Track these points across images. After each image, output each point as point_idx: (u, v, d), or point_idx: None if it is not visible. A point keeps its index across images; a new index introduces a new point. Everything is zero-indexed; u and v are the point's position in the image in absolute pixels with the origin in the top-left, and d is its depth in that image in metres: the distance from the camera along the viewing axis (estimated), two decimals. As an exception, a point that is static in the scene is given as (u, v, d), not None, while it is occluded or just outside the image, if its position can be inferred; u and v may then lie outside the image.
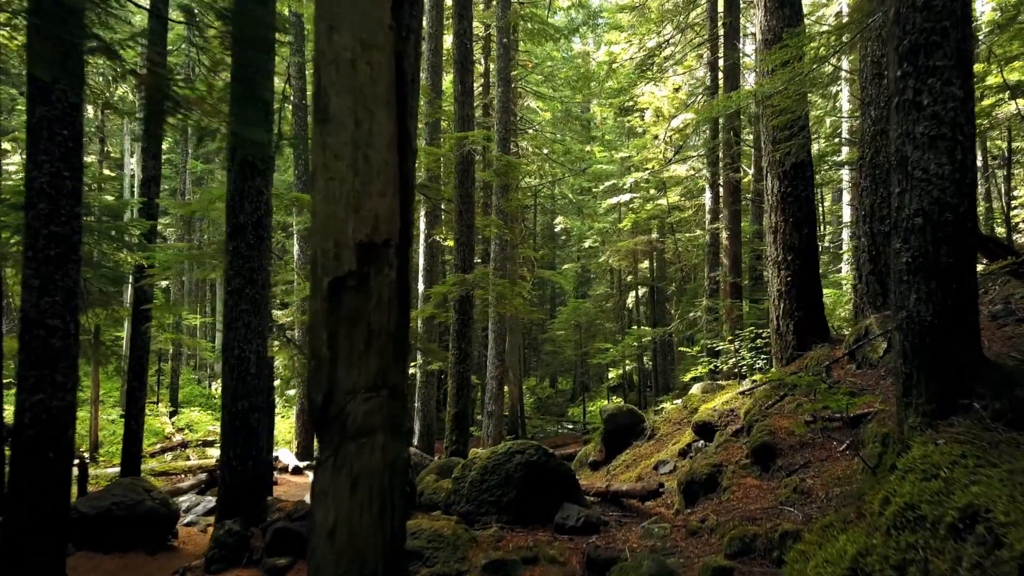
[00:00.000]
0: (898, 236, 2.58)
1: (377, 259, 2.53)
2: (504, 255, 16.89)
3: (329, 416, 2.52)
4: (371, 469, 2.58)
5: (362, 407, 2.52)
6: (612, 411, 7.57)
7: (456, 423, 10.28)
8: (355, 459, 2.55)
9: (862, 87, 8.62)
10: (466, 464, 4.52)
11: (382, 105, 2.54)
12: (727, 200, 15.69)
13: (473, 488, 4.28)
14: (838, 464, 3.78)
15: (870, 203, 8.31)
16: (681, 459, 6.05)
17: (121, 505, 7.34)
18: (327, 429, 2.55)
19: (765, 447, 4.23)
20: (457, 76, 10.56)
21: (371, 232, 2.50)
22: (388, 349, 2.59)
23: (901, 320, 2.69)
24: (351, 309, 2.50)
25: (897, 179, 2.54)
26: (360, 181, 2.48)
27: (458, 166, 10.51)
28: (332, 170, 2.50)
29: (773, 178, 7.10)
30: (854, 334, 5.40)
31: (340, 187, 2.49)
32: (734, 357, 11.63)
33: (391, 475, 2.66)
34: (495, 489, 4.21)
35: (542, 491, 4.30)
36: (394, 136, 2.57)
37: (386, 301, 2.56)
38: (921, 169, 2.41)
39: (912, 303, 2.56)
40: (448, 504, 4.42)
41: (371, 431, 2.56)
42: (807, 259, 7.18)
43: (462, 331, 10.52)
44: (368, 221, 2.50)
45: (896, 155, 2.60)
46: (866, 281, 8.14)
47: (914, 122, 2.44)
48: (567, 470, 4.59)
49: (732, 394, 6.52)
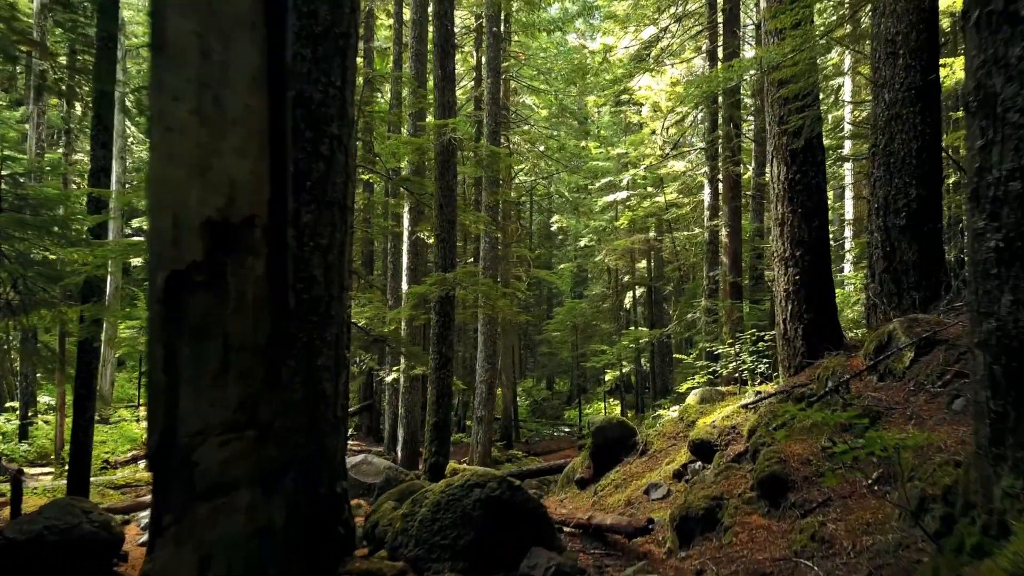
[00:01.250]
0: (980, 211, 1.84)
1: (235, 245, 1.80)
2: (494, 254, 16.15)
3: (169, 466, 1.80)
4: (230, 541, 1.84)
5: (216, 454, 1.79)
6: (601, 424, 6.86)
7: (436, 433, 9.54)
8: (205, 527, 1.81)
9: (874, 68, 7.90)
10: (416, 498, 3.79)
11: (242, 27, 1.80)
12: (727, 196, 14.97)
13: (424, 528, 3.56)
14: (866, 504, 3.05)
15: (884, 194, 7.60)
16: (676, 482, 5.34)
17: (54, 529, 6.60)
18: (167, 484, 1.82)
19: (774, 479, 3.52)
20: (437, 60, 9.83)
21: (225, 206, 1.77)
22: (256, 371, 1.87)
23: (987, 333, 1.94)
24: (199, 316, 1.77)
25: (979, 127, 1.81)
26: (209, 134, 1.76)
27: (438, 156, 9.78)
28: (170, 118, 1.77)
29: (779, 163, 6.36)
30: (874, 341, 4.69)
31: (181, 142, 1.76)
32: (734, 361, 10.92)
33: (264, 548, 1.92)
34: (449, 530, 3.49)
35: (506, 532, 3.59)
36: (261, 71, 1.84)
37: (251, 304, 1.83)
38: (1019, 110, 1.69)
39: (1005, 308, 1.81)
40: (395, 546, 3.71)
41: (230, 487, 1.83)
42: (818, 255, 6.44)
43: (443, 334, 9.79)
44: (220, 190, 1.77)
45: (974, 95, 1.88)
46: (880, 280, 7.43)
47: (1006, 42, 1.71)
48: (536, 506, 3.87)
49: (733, 407, 5.80)
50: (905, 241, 7.37)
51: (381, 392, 19.88)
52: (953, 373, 3.79)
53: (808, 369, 5.82)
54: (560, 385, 37.28)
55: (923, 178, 7.41)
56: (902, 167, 7.48)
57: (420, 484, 5.04)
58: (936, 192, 7.53)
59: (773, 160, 6.43)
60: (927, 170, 7.42)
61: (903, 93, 7.52)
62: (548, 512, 4.06)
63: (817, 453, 3.58)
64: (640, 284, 25.44)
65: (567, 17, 20.74)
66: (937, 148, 7.58)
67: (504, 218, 20.57)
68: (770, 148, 6.53)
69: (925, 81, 7.45)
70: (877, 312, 7.43)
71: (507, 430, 22.49)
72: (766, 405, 5.29)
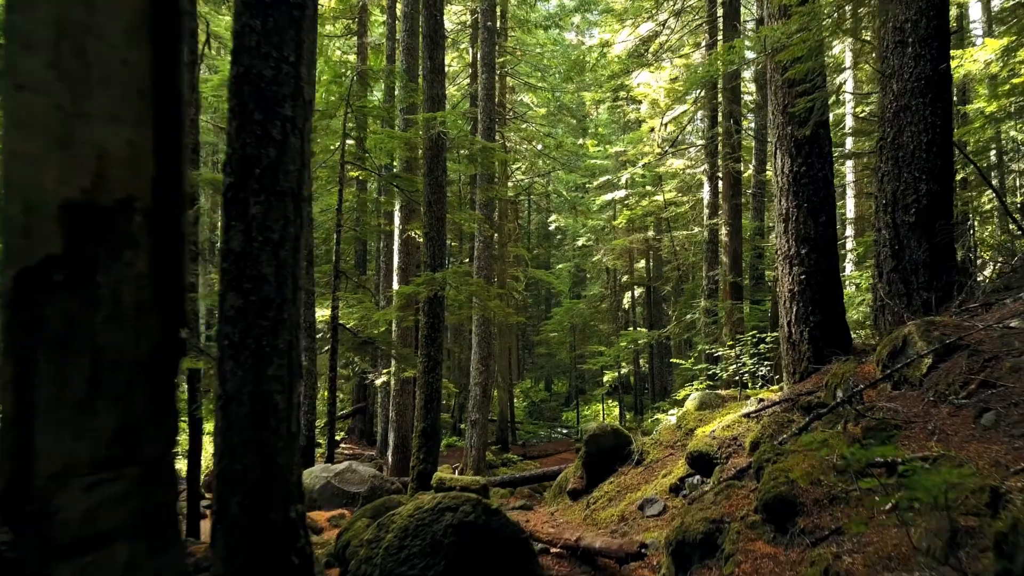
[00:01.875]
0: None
1: (107, 234, 1.43)
2: (489, 253, 15.77)
3: (23, 515, 1.43)
4: (103, 608, 1.47)
5: (82, 500, 1.42)
6: (595, 432, 6.48)
7: (424, 440, 9.17)
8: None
9: (881, 58, 7.53)
10: (383, 522, 3.41)
11: (116, -43, 1.44)
12: (727, 194, 14.60)
13: (389, 557, 3.19)
14: (886, 534, 2.69)
15: (892, 190, 7.22)
16: (672, 497, 4.97)
17: None
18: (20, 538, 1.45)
19: (781, 501, 3.15)
20: (426, 52, 9.45)
21: (92, 186, 1.39)
22: (137, 394, 1.49)
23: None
24: (59, 324, 1.41)
25: None
26: (70, 93, 1.39)
27: (427, 151, 9.40)
28: (21, 72, 1.41)
29: (783, 155, 5.97)
30: (888, 345, 4.33)
31: (35, 104, 1.40)
32: (735, 364, 10.56)
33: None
34: (417, 559, 3.11)
35: (481, 562, 3.21)
36: (143, 15, 1.47)
37: (131, 309, 1.46)
38: None
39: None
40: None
41: (102, 540, 1.46)
42: (825, 253, 6.05)
43: (431, 336, 9.41)
44: (85, 165, 1.40)
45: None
46: (887, 280, 7.06)
47: None
48: (514, 531, 3.49)
49: (734, 416, 5.42)
50: (915, 239, 7.00)
51: (375, 394, 19.52)
52: (978, 383, 3.42)
53: (815, 375, 5.44)
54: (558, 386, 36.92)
55: (933, 172, 7.04)
56: (911, 161, 7.11)
57: (398, 500, 4.67)
58: (947, 187, 7.16)
59: (777, 152, 6.05)
60: (938, 164, 7.05)
61: (912, 83, 7.15)
62: (532, 535, 3.70)
63: (829, 472, 3.21)
64: (638, 284, 25.08)
65: (564, 12, 20.37)
66: (948, 141, 7.21)
67: (501, 217, 20.19)
68: (773, 139, 6.15)
69: (935, 71, 7.08)
70: (885, 313, 7.05)
71: (503, 432, 22.12)
72: (769, 415, 4.92)
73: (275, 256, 3.00)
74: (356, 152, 12.13)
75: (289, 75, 3.04)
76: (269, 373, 2.98)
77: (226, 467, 2.97)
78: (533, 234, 33.99)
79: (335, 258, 10.92)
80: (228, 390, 2.97)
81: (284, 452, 3.06)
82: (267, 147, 2.98)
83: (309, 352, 11.85)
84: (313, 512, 7.91)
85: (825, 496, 3.14)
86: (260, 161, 2.97)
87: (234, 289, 2.96)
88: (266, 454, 3.00)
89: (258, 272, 2.97)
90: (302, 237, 3.13)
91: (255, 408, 2.96)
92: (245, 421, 2.95)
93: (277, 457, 3.03)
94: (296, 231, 3.09)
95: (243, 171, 2.96)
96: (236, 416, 2.96)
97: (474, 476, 10.98)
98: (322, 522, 7.64)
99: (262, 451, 2.98)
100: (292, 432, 3.10)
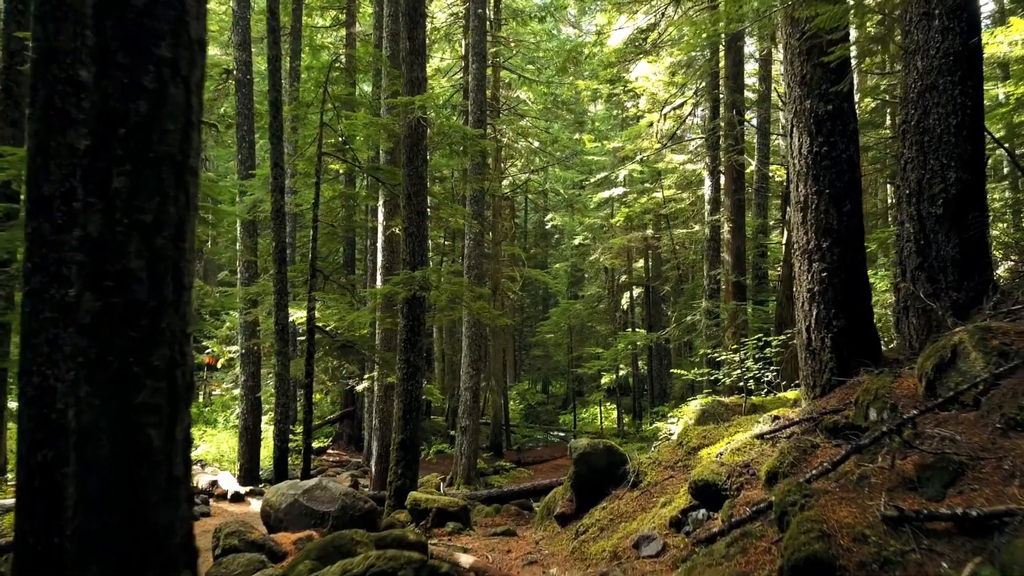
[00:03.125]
0: None
1: None
2: (479, 251, 15.01)
3: None
4: None
5: None
6: (585, 450, 5.74)
7: (402, 453, 8.42)
8: None
9: (905, 32, 6.79)
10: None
11: None
12: (729, 188, 13.87)
13: (308, 635, 2.48)
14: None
15: (917, 178, 6.49)
16: (673, 533, 4.22)
17: None
18: None
19: (816, 564, 2.41)
20: (405, 31, 8.70)
21: None
22: None
23: None
24: None
25: None
26: None
27: (406, 139, 8.65)
28: None
29: (801, 133, 5.20)
30: (933, 357, 3.60)
31: None
32: (738, 369, 9.84)
33: None
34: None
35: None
36: None
37: None
38: None
39: None
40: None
41: None
42: (850, 246, 5.28)
43: (411, 340, 8.65)
44: None
45: None
46: (912, 278, 6.32)
47: None
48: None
49: (745, 436, 4.68)
50: (943, 233, 6.27)
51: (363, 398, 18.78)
52: (1061, 407, 2.71)
53: (839, 389, 4.70)
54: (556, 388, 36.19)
55: (963, 159, 6.30)
56: (938, 146, 6.37)
57: (349, 537, 3.94)
58: (979, 175, 6.42)
59: (793, 130, 5.29)
60: (968, 149, 6.32)
61: (939, 60, 6.42)
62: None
63: (877, 524, 2.49)
64: (637, 284, 24.33)
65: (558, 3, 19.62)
66: (979, 124, 6.48)
67: (495, 215, 19.44)
68: (790, 115, 5.39)
69: (965, 45, 6.34)
70: (909, 316, 6.32)
71: (496, 437, 21.37)
72: (788, 437, 4.20)
73: (148, 245, 2.27)
74: (337, 143, 11.39)
75: (168, 5, 2.30)
76: (139, 401, 2.25)
77: (80, 526, 2.24)
78: (530, 233, 33.26)
79: (311, 256, 10.18)
80: (83, 423, 2.24)
81: (162, 506, 2.31)
82: (136, 99, 2.25)
83: (282, 356, 11.13)
84: (279, 534, 7.20)
85: (874, 558, 2.40)
86: (127, 118, 2.24)
87: (91, 288, 2.23)
88: (136, 510, 2.26)
89: (124, 267, 2.24)
90: (189, 220, 2.40)
91: (118, 448, 2.23)
92: (105, 465, 2.22)
93: (152, 513, 2.29)
94: (180, 212, 2.35)
95: (103, 131, 2.23)
96: (93, 458, 2.23)
97: (458, 491, 10.21)
98: (287, 545, 6.93)
99: (130, 506, 2.25)
100: (175, 477, 2.36)
